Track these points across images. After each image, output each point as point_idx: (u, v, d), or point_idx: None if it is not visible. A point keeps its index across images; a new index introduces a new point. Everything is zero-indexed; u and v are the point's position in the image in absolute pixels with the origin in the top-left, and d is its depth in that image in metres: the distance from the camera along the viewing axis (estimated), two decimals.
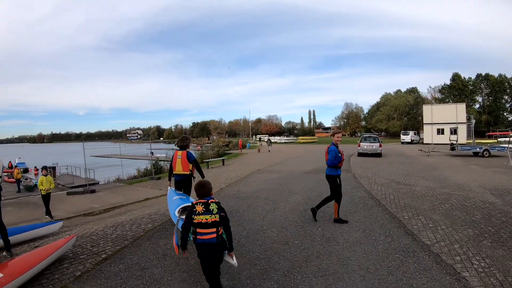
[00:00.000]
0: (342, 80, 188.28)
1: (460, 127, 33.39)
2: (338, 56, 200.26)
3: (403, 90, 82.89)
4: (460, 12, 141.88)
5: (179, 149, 6.23)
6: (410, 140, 45.68)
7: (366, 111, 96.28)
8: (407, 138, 46.49)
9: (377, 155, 21.68)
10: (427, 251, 4.40)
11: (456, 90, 69.58)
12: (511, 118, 66.51)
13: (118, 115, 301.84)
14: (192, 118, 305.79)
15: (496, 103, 67.21)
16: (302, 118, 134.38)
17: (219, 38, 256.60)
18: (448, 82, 72.15)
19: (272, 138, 62.69)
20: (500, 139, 38.40)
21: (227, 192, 9.61)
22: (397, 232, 5.29)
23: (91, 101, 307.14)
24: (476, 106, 70.05)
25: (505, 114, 67.64)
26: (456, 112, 41.51)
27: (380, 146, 22.05)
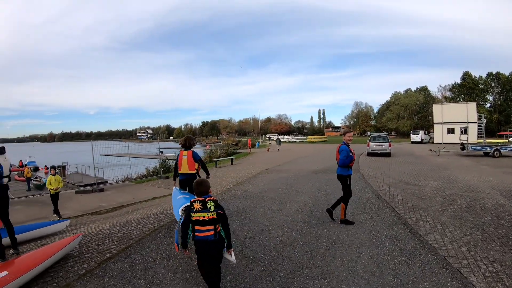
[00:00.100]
0: (352, 79, 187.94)
1: (471, 127, 32.82)
2: (347, 55, 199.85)
3: (413, 89, 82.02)
4: (471, 9, 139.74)
5: (183, 149, 6.28)
6: (420, 140, 45.13)
7: (376, 110, 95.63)
8: (417, 137, 45.91)
9: (386, 154, 21.42)
10: (433, 254, 4.31)
11: (467, 89, 68.50)
12: None
13: (128, 115, 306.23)
14: (202, 117, 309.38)
15: (507, 102, 65.96)
16: (311, 117, 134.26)
17: (229, 37, 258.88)
18: (458, 80, 71.15)
19: (281, 137, 62.56)
20: (511, 138, 37.70)
21: (234, 192, 9.60)
22: (404, 234, 5.20)
23: (101, 100, 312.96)
24: (487, 105, 68.90)
25: None
26: (467, 111, 40.84)
27: (390, 145, 21.79)
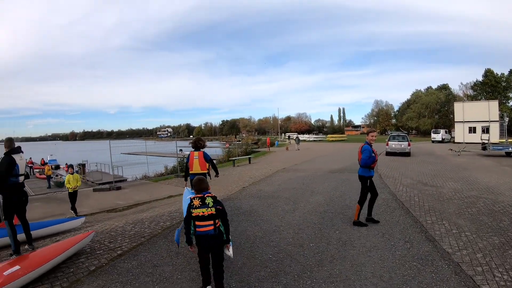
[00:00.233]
0: (372, 77, 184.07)
1: (492, 126, 31.73)
2: (367, 53, 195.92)
3: (434, 87, 79.68)
4: (493, 5, 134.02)
5: (194, 149, 6.44)
6: (441, 139, 43.96)
7: (396, 108, 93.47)
8: (437, 136, 44.74)
9: (405, 154, 20.97)
10: (447, 259, 4.15)
11: (489, 87, 65.88)
12: None
13: (149, 114, 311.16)
14: (221, 116, 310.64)
15: None
16: (331, 116, 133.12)
17: (247, 36, 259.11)
18: (480, 78, 68.46)
19: (300, 136, 62.21)
20: None
21: (249, 191, 9.60)
22: (417, 237, 5.05)
23: (122, 100, 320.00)
24: (510, 103, 65.99)
25: None
26: (489, 110, 39.33)
27: (409, 145, 21.35)
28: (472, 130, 39.64)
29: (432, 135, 46.41)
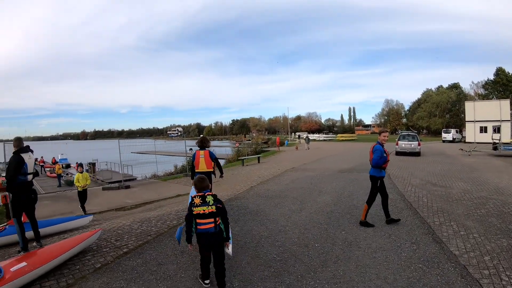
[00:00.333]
0: (383, 76, 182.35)
1: (504, 125, 31.10)
2: (378, 52, 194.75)
3: (445, 86, 78.23)
4: (504, 3, 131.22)
5: (199, 149, 6.55)
6: (451, 139, 43.25)
7: (407, 107, 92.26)
8: (448, 136, 44.04)
9: (415, 154, 20.70)
10: (453, 262, 4.08)
11: (500, 86, 64.49)
12: None
13: (159, 113, 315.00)
14: (231, 115, 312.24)
15: None
16: (342, 115, 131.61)
17: (257, 35, 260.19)
18: (491, 77, 67.11)
19: (310, 135, 61.78)
20: None
21: (256, 191, 9.59)
22: (424, 239, 4.98)
23: (133, 99, 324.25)
24: None
25: None
26: (500, 109, 38.53)
27: (419, 144, 21.07)
28: (483, 130, 38.95)
29: (443, 135, 45.73)
